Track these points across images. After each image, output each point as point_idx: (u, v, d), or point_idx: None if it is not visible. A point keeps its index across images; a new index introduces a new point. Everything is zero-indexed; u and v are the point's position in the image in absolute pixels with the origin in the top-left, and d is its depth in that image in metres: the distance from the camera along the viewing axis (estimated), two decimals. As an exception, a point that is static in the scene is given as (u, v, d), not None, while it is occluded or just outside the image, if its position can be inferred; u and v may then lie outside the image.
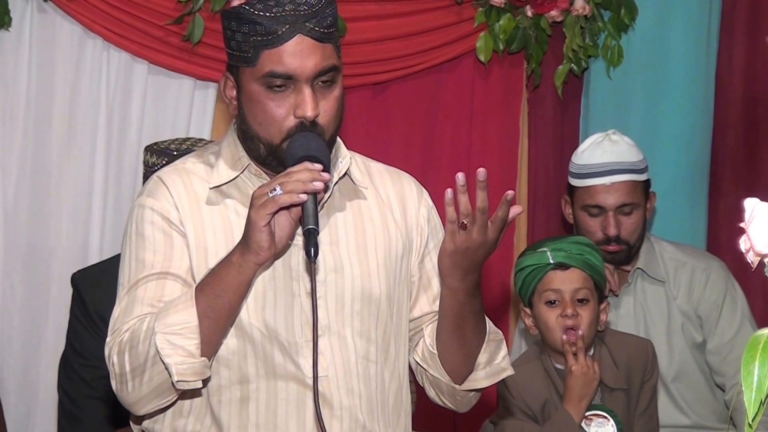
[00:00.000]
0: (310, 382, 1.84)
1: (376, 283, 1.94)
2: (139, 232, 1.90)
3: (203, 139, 2.79)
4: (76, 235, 3.34)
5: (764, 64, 3.79)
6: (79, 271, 2.78)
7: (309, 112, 1.83)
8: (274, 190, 1.73)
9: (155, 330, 1.77)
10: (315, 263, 1.75)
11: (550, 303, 2.59)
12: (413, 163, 3.49)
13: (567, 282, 2.57)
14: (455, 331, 1.90)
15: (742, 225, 1.30)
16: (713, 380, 3.12)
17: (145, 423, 1.96)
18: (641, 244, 3.10)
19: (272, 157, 1.88)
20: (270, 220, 1.74)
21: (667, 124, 3.75)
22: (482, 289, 1.89)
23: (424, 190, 2.07)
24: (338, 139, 1.96)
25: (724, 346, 3.05)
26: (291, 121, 1.85)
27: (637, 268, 3.12)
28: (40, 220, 3.33)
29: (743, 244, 1.30)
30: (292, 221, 1.78)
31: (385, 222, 1.98)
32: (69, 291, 2.74)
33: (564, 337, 2.56)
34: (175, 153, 2.57)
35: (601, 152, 3.06)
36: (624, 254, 3.07)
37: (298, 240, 1.86)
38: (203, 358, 1.79)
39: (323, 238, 1.87)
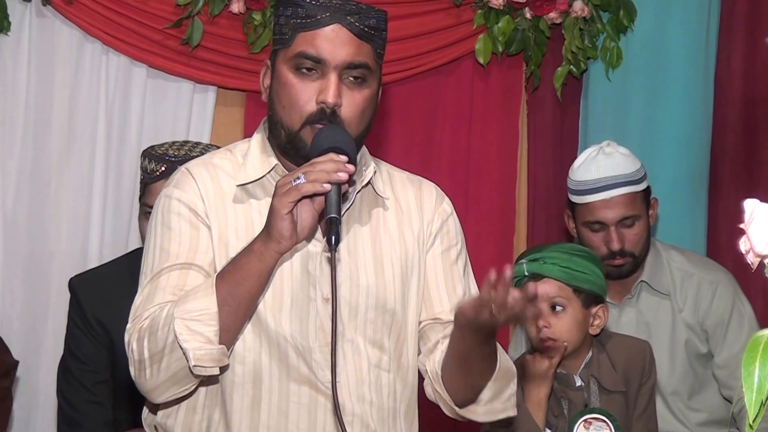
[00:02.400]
0: (323, 387, 1.86)
1: (390, 294, 1.94)
2: (165, 222, 1.89)
3: (200, 143, 2.77)
4: (76, 239, 3.32)
5: (763, 65, 3.77)
6: (76, 275, 2.77)
7: (330, 98, 1.82)
8: (298, 178, 1.72)
9: (174, 315, 1.75)
10: (336, 251, 1.73)
11: None
12: (412, 166, 3.40)
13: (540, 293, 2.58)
14: (461, 367, 1.90)
15: (741, 226, 1.29)
16: (720, 393, 3.09)
17: (159, 417, 1.96)
18: (647, 253, 3.07)
19: (291, 145, 1.87)
20: (292, 209, 1.73)
21: (666, 125, 3.73)
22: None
23: (445, 197, 2.06)
24: (364, 147, 1.96)
25: (732, 360, 3.01)
26: (312, 107, 1.84)
27: (641, 280, 3.09)
28: (40, 225, 3.31)
29: (743, 245, 1.29)
30: (314, 212, 1.76)
31: (402, 234, 1.97)
32: (68, 295, 2.73)
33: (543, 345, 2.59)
34: (173, 159, 2.56)
35: (596, 167, 3.01)
36: (630, 266, 3.04)
37: (317, 245, 1.88)
38: (221, 346, 1.77)
39: (341, 246, 1.87)
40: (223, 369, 1.83)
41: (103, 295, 2.62)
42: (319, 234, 1.88)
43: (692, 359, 3.08)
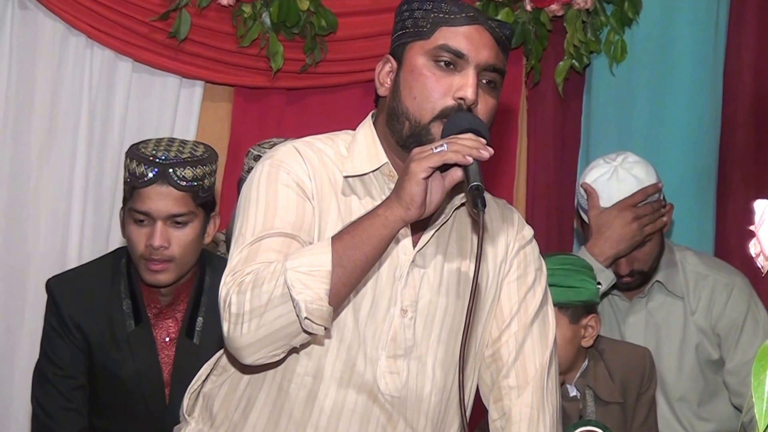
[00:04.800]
0: (382, 398, 1.88)
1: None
2: (270, 190, 1.86)
3: (188, 142, 2.70)
4: (55, 239, 3.28)
5: (775, 59, 3.76)
6: (54, 276, 2.70)
7: (470, 95, 1.82)
8: (441, 146, 1.70)
9: (286, 268, 1.70)
10: (484, 213, 1.71)
11: None
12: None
13: None
14: None
15: (751, 228, 1.27)
16: (731, 402, 3.04)
17: (206, 387, 1.99)
18: (659, 263, 3.02)
19: (414, 138, 1.84)
20: (430, 175, 1.70)
21: (673, 122, 3.69)
22: None
23: (526, 225, 2.06)
24: None
25: (744, 367, 2.97)
26: (447, 101, 1.83)
27: (656, 280, 3.03)
28: (18, 224, 3.27)
29: (753, 247, 1.27)
30: (444, 190, 1.74)
31: (485, 259, 1.98)
32: (45, 297, 2.65)
33: None
34: (164, 162, 2.50)
35: (608, 195, 2.92)
36: (639, 281, 3.00)
37: (408, 253, 1.88)
38: (331, 307, 1.72)
39: (431, 262, 1.90)
40: (327, 334, 1.82)
41: (83, 297, 2.58)
42: (409, 243, 1.89)
43: (703, 365, 3.03)
